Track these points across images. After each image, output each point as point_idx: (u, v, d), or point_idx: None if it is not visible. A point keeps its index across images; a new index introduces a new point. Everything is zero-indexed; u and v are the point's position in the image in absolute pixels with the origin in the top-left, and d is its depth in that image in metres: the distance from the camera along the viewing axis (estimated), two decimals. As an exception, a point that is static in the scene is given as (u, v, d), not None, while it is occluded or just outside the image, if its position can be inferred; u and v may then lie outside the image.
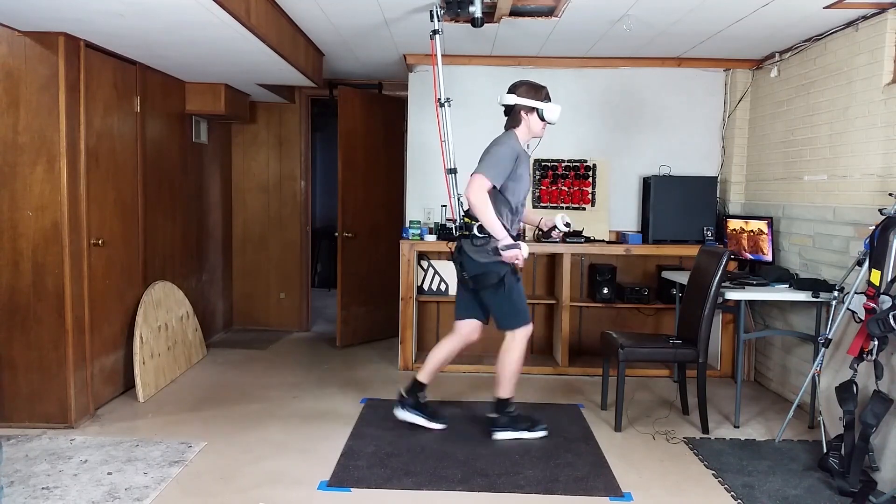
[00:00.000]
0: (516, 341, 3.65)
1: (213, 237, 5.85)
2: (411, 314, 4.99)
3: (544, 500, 3.00)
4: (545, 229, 3.93)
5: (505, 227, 3.55)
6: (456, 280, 3.81)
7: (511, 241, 3.46)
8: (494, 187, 3.48)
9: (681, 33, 4.33)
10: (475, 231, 3.54)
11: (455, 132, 3.99)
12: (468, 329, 3.80)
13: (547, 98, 3.63)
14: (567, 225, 3.81)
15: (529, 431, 3.68)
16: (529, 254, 3.78)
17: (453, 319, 3.88)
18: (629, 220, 5.34)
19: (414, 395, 3.80)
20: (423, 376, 3.81)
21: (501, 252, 3.46)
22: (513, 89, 3.63)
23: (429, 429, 3.76)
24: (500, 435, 3.67)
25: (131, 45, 3.88)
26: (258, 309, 6.39)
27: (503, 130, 3.69)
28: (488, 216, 3.43)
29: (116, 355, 4.20)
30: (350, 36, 4.52)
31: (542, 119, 3.61)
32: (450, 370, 4.57)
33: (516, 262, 3.49)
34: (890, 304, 3.00)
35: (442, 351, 3.80)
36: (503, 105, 3.66)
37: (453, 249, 3.73)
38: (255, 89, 5.49)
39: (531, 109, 3.60)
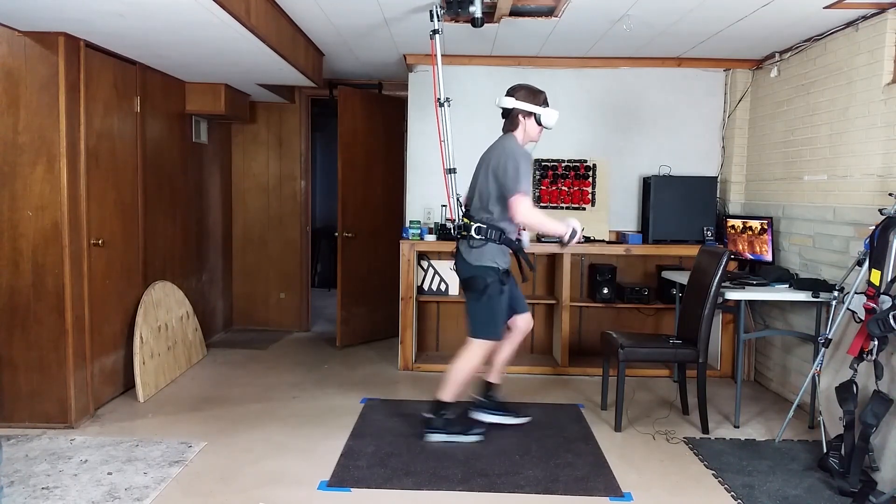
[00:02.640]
0: (476, 350, 3.59)
1: (213, 237, 5.85)
2: (411, 314, 4.99)
3: (544, 500, 3.00)
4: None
5: (503, 230, 3.56)
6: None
7: (570, 229, 3.48)
8: (502, 194, 3.49)
9: (681, 33, 4.33)
10: (472, 233, 3.54)
11: (455, 132, 3.99)
12: (523, 323, 3.85)
13: (545, 103, 3.61)
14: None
15: (464, 435, 3.63)
16: (529, 253, 3.78)
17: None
18: (629, 220, 5.34)
19: (489, 397, 3.87)
20: (492, 377, 3.88)
21: (566, 244, 3.53)
22: (511, 92, 3.62)
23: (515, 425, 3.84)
24: (433, 437, 3.62)
25: (131, 45, 3.88)
26: (258, 309, 6.39)
27: (501, 133, 3.69)
28: (547, 224, 3.52)
29: (116, 355, 4.20)
30: (350, 36, 4.52)
31: (539, 124, 3.60)
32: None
33: (579, 240, 3.54)
34: (890, 304, 3.00)
35: (505, 350, 3.84)
36: (501, 108, 3.66)
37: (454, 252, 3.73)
38: (255, 89, 5.49)
39: (529, 114, 3.59)
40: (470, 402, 3.87)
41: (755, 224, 4.61)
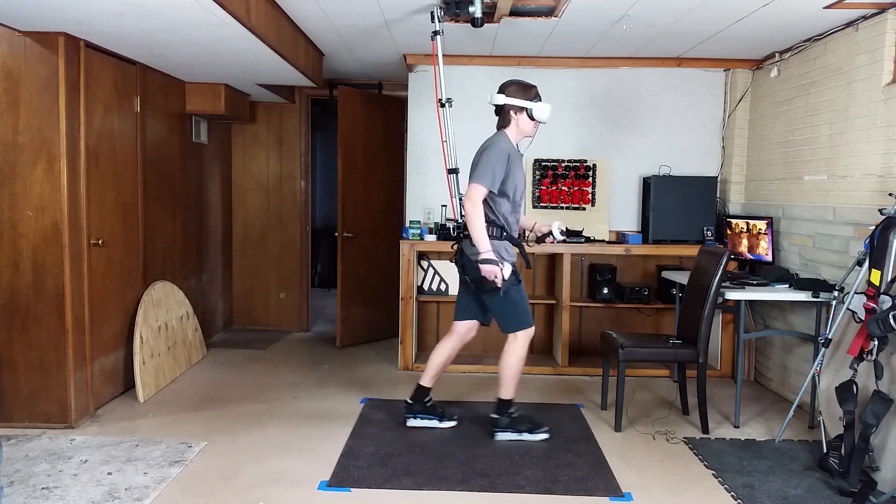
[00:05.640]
0: (518, 343, 3.64)
1: (213, 237, 5.85)
2: (411, 314, 4.99)
3: (544, 500, 3.00)
4: (539, 235, 3.92)
5: (505, 227, 3.57)
6: (458, 280, 3.80)
7: (492, 257, 3.43)
8: (491, 191, 3.49)
9: (681, 33, 4.33)
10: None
11: (455, 132, 3.99)
12: (464, 329, 3.82)
13: (537, 97, 3.58)
14: (562, 232, 3.80)
15: (530, 433, 3.67)
16: (529, 253, 3.78)
17: (452, 320, 3.88)
18: (629, 220, 5.34)
19: (420, 401, 3.83)
20: (425, 381, 3.84)
21: (479, 265, 3.44)
22: (502, 89, 3.60)
23: (441, 429, 3.79)
24: (502, 436, 3.67)
25: (131, 45, 3.88)
26: (258, 309, 6.39)
27: (495, 130, 3.68)
28: (477, 226, 3.42)
29: (116, 355, 4.20)
30: (350, 36, 4.52)
31: (532, 118, 3.58)
32: (450, 370, 4.56)
33: (494, 279, 3.45)
34: (890, 304, 3.00)
35: (441, 353, 3.82)
36: (493, 105, 3.64)
37: (455, 251, 3.72)
38: (255, 89, 5.49)
39: (520, 109, 3.56)
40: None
41: (755, 224, 4.61)
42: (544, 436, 3.67)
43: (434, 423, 3.82)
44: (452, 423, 3.84)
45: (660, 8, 3.77)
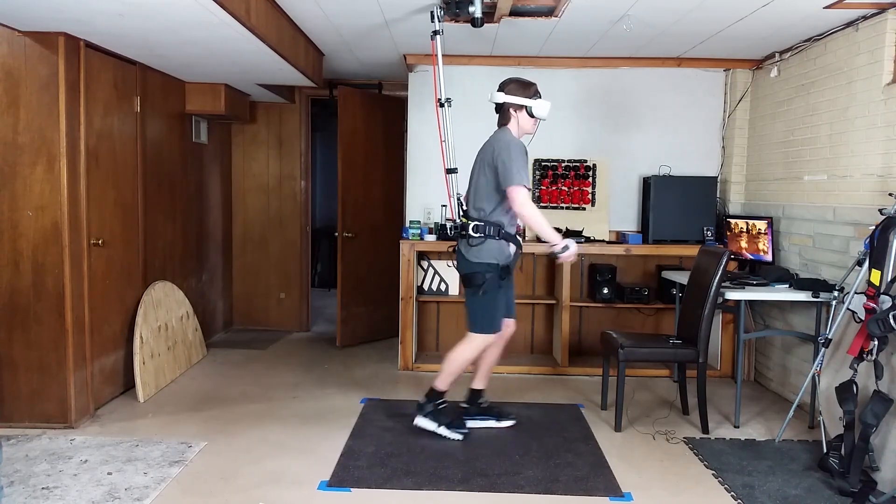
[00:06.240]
0: (474, 344, 3.64)
1: (213, 237, 5.85)
2: (411, 314, 4.99)
3: (544, 500, 3.00)
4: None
5: (501, 225, 3.57)
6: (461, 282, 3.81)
7: (564, 243, 3.49)
8: (498, 186, 3.50)
9: (681, 33, 4.33)
10: (470, 231, 3.55)
11: (455, 132, 3.99)
12: (504, 328, 3.80)
13: (536, 94, 3.61)
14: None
15: (448, 429, 3.67)
16: (529, 253, 3.78)
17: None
18: (629, 220, 5.34)
19: (475, 403, 3.88)
20: (477, 383, 3.88)
21: (559, 256, 3.51)
22: (502, 87, 3.63)
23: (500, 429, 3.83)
24: (419, 421, 3.69)
25: (131, 45, 3.88)
26: (258, 309, 6.39)
27: (496, 128, 3.69)
28: (543, 226, 3.49)
29: (116, 355, 4.20)
30: (350, 36, 4.52)
31: (532, 116, 3.61)
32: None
33: (572, 259, 3.56)
34: (890, 304, 3.00)
35: (490, 355, 3.82)
36: (493, 103, 3.66)
37: (454, 250, 3.74)
38: (255, 89, 5.49)
39: (520, 107, 3.59)
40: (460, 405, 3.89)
41: (755, 224, 4.61)
42: (459, 436, 3.65)
43: (492, 424, 3.84)
44: (511, 423, 3.87)
45: (660, 8, 3.77)
